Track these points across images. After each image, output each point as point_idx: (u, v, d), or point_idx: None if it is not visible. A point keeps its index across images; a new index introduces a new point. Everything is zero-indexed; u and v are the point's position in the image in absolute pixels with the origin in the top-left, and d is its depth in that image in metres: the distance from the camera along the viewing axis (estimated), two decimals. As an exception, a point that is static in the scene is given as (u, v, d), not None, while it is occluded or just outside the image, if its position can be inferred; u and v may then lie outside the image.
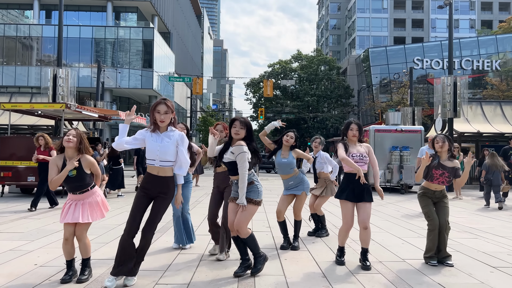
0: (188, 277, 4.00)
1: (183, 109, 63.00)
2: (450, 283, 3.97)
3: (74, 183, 3.76)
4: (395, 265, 4.58)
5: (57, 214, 8.13)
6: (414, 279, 4.06)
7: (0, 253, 4.88)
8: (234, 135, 4.03)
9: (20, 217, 7.71)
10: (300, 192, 5.28)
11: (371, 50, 47.03)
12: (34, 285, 3.73)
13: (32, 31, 43.87)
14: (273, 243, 5.65)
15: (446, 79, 16.16)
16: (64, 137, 3.82)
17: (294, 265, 4.51)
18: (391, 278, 4.07)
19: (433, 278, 4.11)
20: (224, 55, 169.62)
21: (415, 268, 4.50)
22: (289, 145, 5.29)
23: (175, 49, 56.62)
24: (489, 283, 3.99)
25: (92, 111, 12.47)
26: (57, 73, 15.03)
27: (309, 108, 47.58)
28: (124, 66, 43.34)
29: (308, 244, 5.64)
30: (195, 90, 25.92)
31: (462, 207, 10.25)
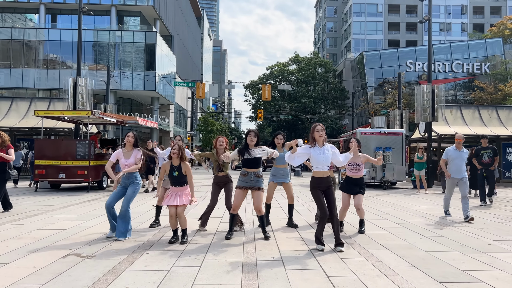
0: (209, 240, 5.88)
1: (184, 109, 64.82)
2: (387, 244, 5.85)
3: (176, 180, 5.70)
4: (352, 234, 6.46)
5: (89, 204, 9.98)
6: (362, 240, 5.93)
7: (69, 228, 6.75)
8: (249, 142, 6.05)
9: (65, 205, 9.56)
10: (288, 181, 7.10)
11: (365, 53, 48.93)
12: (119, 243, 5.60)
13: (39, 34, 45.51)
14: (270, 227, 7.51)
15: (425, 87, 18.04)
16: (171, 150, 5.75)
17: (282, 233, 6.39)
18: (345, 239, 5.94)
19: (376, 241, 5.99)
20: (223, 55, 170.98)
21: (366, 235, 6.38)
22: (280, 144, 7.10)
23: (176, 51, 58.36)
24: (415, 244, 5.87)
25: (112, 117, 14.31)
26: (77, 81, 16.86)
27: (306, 109, 49.48)
28: (127, 69, 45.08)
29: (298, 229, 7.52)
30: (198, 94, 27.77)
31: (430, 199, 12.15)
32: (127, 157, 6.04)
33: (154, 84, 44.83)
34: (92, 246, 5.44)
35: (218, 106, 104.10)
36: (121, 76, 43.48)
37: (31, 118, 19.93)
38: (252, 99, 54.12)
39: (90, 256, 4.90)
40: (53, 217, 7.87)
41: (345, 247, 5.49)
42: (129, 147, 6.09)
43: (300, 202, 10.96)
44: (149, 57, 45.86)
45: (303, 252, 5.24)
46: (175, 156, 5.70)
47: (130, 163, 5.99)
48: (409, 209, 9.79)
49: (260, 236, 6.22)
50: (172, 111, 55.46)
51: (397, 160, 16.64)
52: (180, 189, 5.74)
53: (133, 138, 6.09)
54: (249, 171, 6.09)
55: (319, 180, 5.44)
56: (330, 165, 5.69)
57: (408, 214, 8.87)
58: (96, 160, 13.50)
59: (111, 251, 5.17)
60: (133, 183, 6.05)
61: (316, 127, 5.50)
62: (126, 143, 6.10)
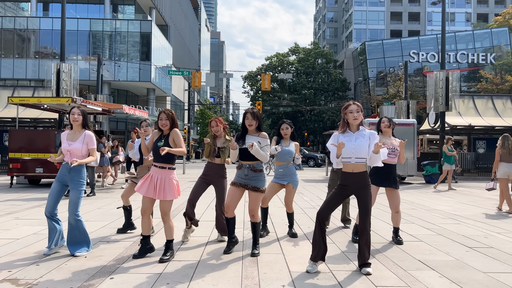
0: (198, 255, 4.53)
1: (180, 102, 63.26)
2: (428, 260, 4.51)
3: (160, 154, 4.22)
4: (381, 246, 5.12)
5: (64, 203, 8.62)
6: (397, 256, 4.59)
7: (24, 237, 5.39)
8: (248, 126, 4.54)
9: (34, 205, 8.20)
10: (286, 183, 5.55)
11: (367, 43, 47.42)
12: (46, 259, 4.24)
13: (30, 23, 43.89)
14: (272, 227, 6.17)
15: (438, 74, 16.66)
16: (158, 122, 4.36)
17: (291, 247, 5.04)
18: (376, 255, 4.60)
19: (414, 256, 4.65)
20: (221, 47, 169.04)
21: (399, 247, 5.03)
22: (288, 136, 5.66)
23: (173, 42, 56.74)
24: (463, 260, 4.53)
25: (96, 105, 12.90)
26: (61, 67, 15.41)
27: (306, 101, 48.06)
28: (122, 59, 43.52)
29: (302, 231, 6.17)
30: (194, 83, 26.31)
31: (450, 197, 10.83)
32: (71, 140, 4.52)
33: (150, 75, 43.36)
34: (41, 265, 4.08)
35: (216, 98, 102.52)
36: (115, 66, 41.96)
37: (13, 108, 18.53)
38: (251, 90, 52.69)
39: (29, 285, 3.53)
40: (12, 221, 6.52)
41: (375, 264, 4.15)
42: (76, 128, 4.58)
43: (306, 201, 9.62)
44: (144, 47, 44.33)
45: (323, 276, 3.89)
46: (166, 128, 4.34)
47: (75, 149, 4.47)
48: (433, 209, 8.45)
49: (263, 251, 4.87)
50: (169, 103, 54.04)
51: (408, 153, 15.29)
52: (164, 173, 4.27)
53: (80, 115, 4.57)
54: (244, 163, 4.57)
55: (346, 176, 4.04)
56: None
57: (434, 216, 7.53)
58: (78, 153, 12.12)
59: (63, 275, 3.81)
60: (74, 180, 4.49)
61: (350, 106, 4.08)
62: (72, 123, 4.57)
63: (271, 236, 5.64)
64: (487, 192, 11.52)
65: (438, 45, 44.59)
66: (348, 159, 4.02)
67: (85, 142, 4.52)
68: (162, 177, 4.27)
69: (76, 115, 4.53)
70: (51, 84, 16.08)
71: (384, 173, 5.18)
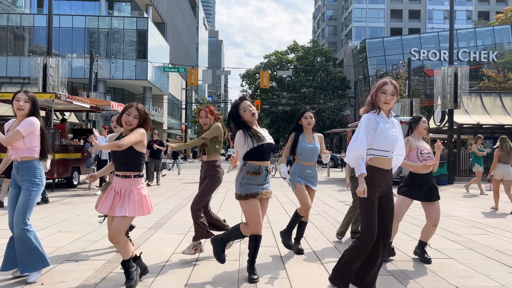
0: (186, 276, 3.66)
1: (178, 100, 62.40)
2: (468, 285, 3.66)
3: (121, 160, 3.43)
4: (406, 265, 4.26)
5: (46, 209, 7.75)
6: (429, 281, 3.74)
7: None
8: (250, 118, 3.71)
9: (5, 213, 7.32)
10: (316, 188, 4.68)
11: (368, 41, 46.64)
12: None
13: (24, 20, 42.98)
14: (273, 239, 5.32)
15: (446, 70, 15.83)
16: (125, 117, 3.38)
17: (298, 267, 4.18)
18: (404, 281, 3.74)
19: (449, 280, 3.79)
20: (219, 46, 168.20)
21: (427, 268, 4.18)
22: (311, 127, 4.71)
23: (170, 40, 55.89)
24: (511, 286, 3.68)
25: (84, 102, 12.03)
26: (48, 62, 14.51)
27: (305, 99, 47.23)
28: (118, 57, 42.66)
29: (311, 243, 5.31)
30: (190, 80, 25.44)
31: (465, 201, 10.00)
32: (12, 129, 3.67)
33: (146, 73, 42.53)
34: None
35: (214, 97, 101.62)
36: (111, 64, 41.08)
37: (0, 106, 17.64)
38: (249, 89, 51.86)
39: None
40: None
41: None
42: (21, 119, 3.64)
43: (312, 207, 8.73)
44: (141, 45, 43.53)
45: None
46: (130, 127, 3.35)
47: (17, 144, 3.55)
48: (451, 216, 7.60)
49: (263, 273, 3.99)
50: (166, 101, 53.20)
51: (415, 153, 14.47)
52: (128, 183, 3.31)
53: (28, 103, 3.62)
54: (262, 164, 3.62)
55: (382, 174, 3.07)
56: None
57: (456, 224, 6.66)
58: (63, 153, 11.26)
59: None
60: (24, 179, 3.58)
61: (386, 85, 3.08)
62: (17, 112, 3.64)
63: (273, 251, 4.77)
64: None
65: (439, 43, 43.85)
66: (386, 153, 3.09)
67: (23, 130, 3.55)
68: (125, 188, 3.33)
69: (22, 101, 3.58)
70: (38, 80, 15.18)
71: (423, 183, 4.29)
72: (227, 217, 7.06)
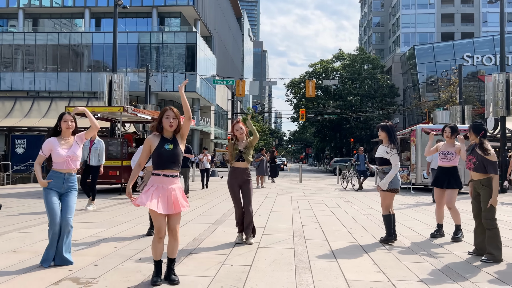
0: (249, 260, 4.52)
1: (224, 111, 64.40)
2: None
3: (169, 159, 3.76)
4: (446, 257, 4.84)
5: (116, 209, 8.96)
6: (463, 269, 4.32)
7: (85, 237, 5.64)
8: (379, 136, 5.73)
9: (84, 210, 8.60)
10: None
11: (416, 47, 45.90)
12: (119, 263, 4.38)
13: (84, 38, 46.63)
14: (323, 235, 6.04)
15: (498, 76, 15.75)
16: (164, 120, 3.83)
17: (345, 255, 4.90)
18: (441, 267, 4.35)
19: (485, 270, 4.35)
20: (263, 56, 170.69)
21: (464, 259, 4.74)
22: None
23: (217, 52, 58.05)
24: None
25: (146, 114, 13.38)
26: (113, 78, 16.18)
27: (352, 108, 47.14)
28: (168, 70, 45.10)
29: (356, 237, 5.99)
30: (238, 92, 26.66)
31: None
32: (66, 147, 4.34)
33: (195, 85, 44.55)
34: (99, 266, 4.24)
35: (259, 107, 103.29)
36: (162, 77, 43.51)
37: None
38: (294, 98, 52.54)
39: (89, 283, 3.67)
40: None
41: (436, 275, 3.93)
42: (67, 135, 4.37)
43: (356, 210, 9.37)
44: (190, 59, 45.74)
45: (381, 285, 3.73)
46: (172, 129, 3.75)
47: (75, 156, 4.36)
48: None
49: (315, 258, 4.76)
50: (213, 112, 55.12)
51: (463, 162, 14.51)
52: (175, 181, 3.70)
53: (73, 123, 4.37)
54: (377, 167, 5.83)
55: None
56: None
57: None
58: (129, 160, 12.60)
59: (120, 275, 3.93)
60: (72, 188, 4.40)
61: None
62: (65, 130, 4.33)
63: (323, 243, 5.52)
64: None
65: (494, 47, 42.29)
66: None
67: (80, 143, 4.42)
68: (174, 186, 3.69)
69: (70, 122, 4.34)
70: (104, 94, 16.91)
71: (444, 175, 6.00)
72: (277, 218, 7.92)
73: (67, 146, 4.33)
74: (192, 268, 4.19)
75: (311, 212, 8.68)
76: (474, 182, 4.96)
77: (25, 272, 3.99)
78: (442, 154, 6.06)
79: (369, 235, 6.16)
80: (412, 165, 15.27)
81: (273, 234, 6.05)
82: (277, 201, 10.70)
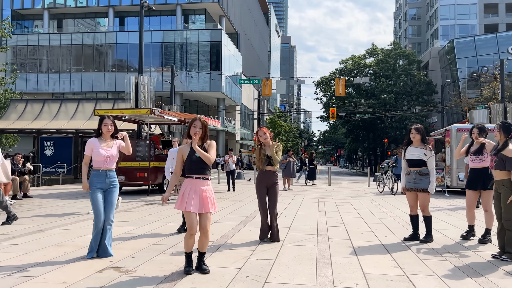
0: (273, 255, 5.07)
1: (250, 110, 65.15)
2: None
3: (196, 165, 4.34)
4: (467, 257, 5.24)
5: (146, 209, 9.70)
6: (481, 267, 4.71)
7: (119, 234, 6.35)
8: (412, 139, 6.12)
9: (119, 210, 9.37)
10: None
11: (456, 41, 45.16)
12: (155, 255, 5.03)
13: (108, 38, 48.41)
14: (347, 235, 6.52)
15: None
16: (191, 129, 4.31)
17: (366, 253, 5.37)
18: (459, 265, 4.76)
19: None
20: (292, 52, 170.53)
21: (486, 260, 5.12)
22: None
23: (242, 50, 58.83)
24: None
25: (173, 115, 14.16)
26: (139, 80, 17.10)
27: (386, 106, 46.85)
28: (192, 69, 46.18)
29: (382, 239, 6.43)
30: (264, 91, 27.26)
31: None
32: (107, 148, 5.03)
33: (220, 84, 45.41)
34: (136, 258, 4.90)
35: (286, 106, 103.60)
36: (186, 77, 44.62)
37: (96, 120, 20.76)
38: (324, 97, 52.67)
39: (129, 271, 4.33)
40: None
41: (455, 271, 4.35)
42: (107, 137, 5.11)
43: (383, 212, 9.74)
44: (214, 57, 46.59)
45: (396, 278, 4.20)
46: (197, 137, 4.30)
47: (113, 157, 5.08)
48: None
49: (336, 254, 5.25)
50: (238, 112, 55.87)
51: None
52: (201, 183, 4.33)
53: (113, 126, 5.12)
54: (412, 169, 6.10)
55: None
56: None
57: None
58: (156, 161, 13.40)
59: (155, 266, 4.57)
60: (114, 185, 5.15)
61: None
62: (106, 133, 5.09)
63: (346, 242, 5.99)
64: None
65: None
66: None
67: (119, 148, 5.16)
68: (205, 188, 4.31)
69: (109, 126, 5.08)
70: (130, 96, 17.87)
71: (477, 176, 6.24)
72: (302, 219, 8.43)
73: (107, 147, 5.06)
74: (220, 261, 4.79)
75: (337, 214, 9.13)
76: (496, 182, 5.31)
77: (72, 262, 4.69)
78: (473, 156, 6.21)
79: (393, 236, 6.58)
80: (447, 167, 15.37)
81: (298, 234, 6.58)
82: (303, 203, 11.19)
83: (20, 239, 5.93)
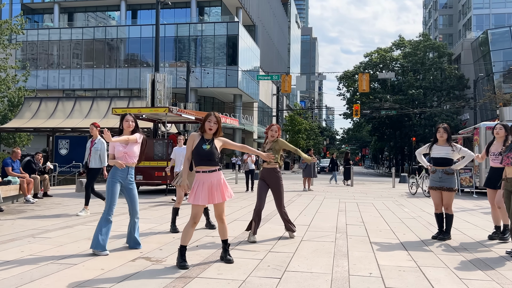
0: (293, 249, 5.70)
1: (268, 107, 65.73)
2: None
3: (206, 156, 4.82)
4: (482, 253, 5.77)
5: (165, 207, 10.45)
6: (494, 262, 5.25)
7: (144, 230, 7.07)
8: (439, 138, 6.69)
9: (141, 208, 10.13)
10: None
11: (490, 31, 44.89)
12: (180, 248, 5.72)
13: (120, 32, 49.56)
14: (365, 232, 7.09)
15: None
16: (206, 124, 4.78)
17: (384, 250, 5.95)
18: (471, 259, 5.31)
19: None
20: (313, 44, 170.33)
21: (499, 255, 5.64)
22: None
23: (260, 43, 59.40)
24: None
25: (190, 114, 14.90)
26: (155, 77, 17.91)
27: (414, 102, 46.86)
28: (208, 64, 46.93)
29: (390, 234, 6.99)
30: (283, 88, 27.83)
31: None
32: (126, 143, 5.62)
33: (237, 80, 46.05)
34: (164, 250, 5.60)
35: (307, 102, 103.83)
36: (202, 72, 45.38)
37: (111, 118, 21.74)
38: (347, 92, 52.88)
39: (159, 261, 5.02)
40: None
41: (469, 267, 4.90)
42: (128, 133, 5.69)
43: (405, 212, 10.25)
44: (231, 51, 47.20)
45: (409, 269, 4.78)
46: (211, 132, 4.81)
47: (132, 152, 5.63)
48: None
49: (354, 249, 5.85)
50: (256, 109, 56.45)
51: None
52: (217, 175, 4.82)
53: (134, 122, 5.71)
54: (437, 168, 6.65)
55: None
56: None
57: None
58: (174, 161, 14.12)
59: (182, 256, 5.25)
60: (132, 181, 5.80)
61: None
62: (126, 129, 5.68)
63: (364, 239, 6.58)
64: None
65: None
66: None
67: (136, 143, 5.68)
68: (216, 180, 4.80)
69: (130, 122, 5.68)
70: (146, 93, 18.72)
71: (497, 175, 6.53)
72: (322, 217, 9.04)
73: (126, 143, 5.66)
74: (243, 253, 5.46)
75: (357, 213, 9.69)
76: (508, 179, 5.80)
77: (105, 252, 5.42)
78: (493, 156, 6.62)
79: (411, 234, 7.13)
80: (475, 167, 15.69)
81: (317, 231, 7.19)
82: (324, 203, 11.77)
83: (52, 233, 6.72)
